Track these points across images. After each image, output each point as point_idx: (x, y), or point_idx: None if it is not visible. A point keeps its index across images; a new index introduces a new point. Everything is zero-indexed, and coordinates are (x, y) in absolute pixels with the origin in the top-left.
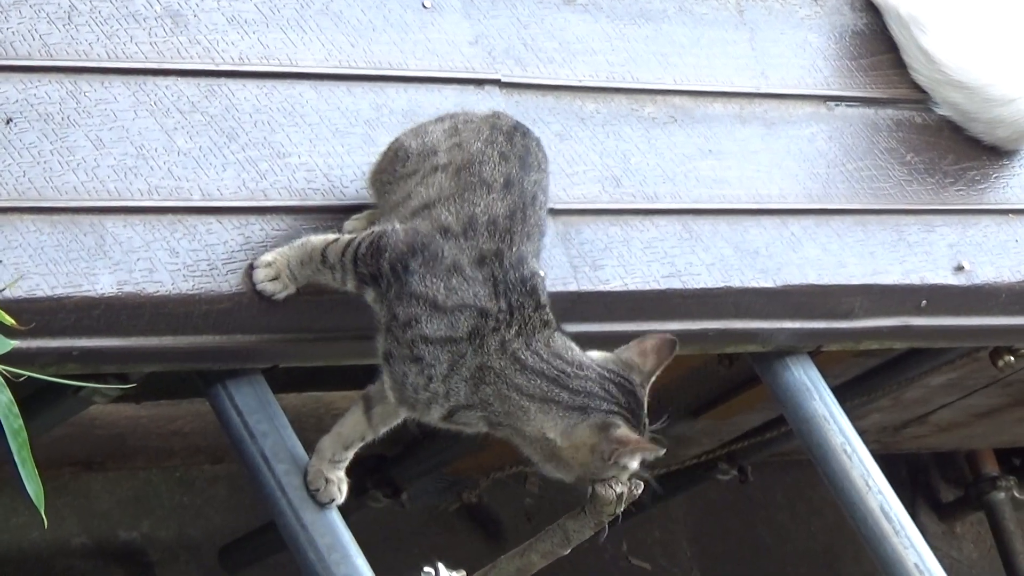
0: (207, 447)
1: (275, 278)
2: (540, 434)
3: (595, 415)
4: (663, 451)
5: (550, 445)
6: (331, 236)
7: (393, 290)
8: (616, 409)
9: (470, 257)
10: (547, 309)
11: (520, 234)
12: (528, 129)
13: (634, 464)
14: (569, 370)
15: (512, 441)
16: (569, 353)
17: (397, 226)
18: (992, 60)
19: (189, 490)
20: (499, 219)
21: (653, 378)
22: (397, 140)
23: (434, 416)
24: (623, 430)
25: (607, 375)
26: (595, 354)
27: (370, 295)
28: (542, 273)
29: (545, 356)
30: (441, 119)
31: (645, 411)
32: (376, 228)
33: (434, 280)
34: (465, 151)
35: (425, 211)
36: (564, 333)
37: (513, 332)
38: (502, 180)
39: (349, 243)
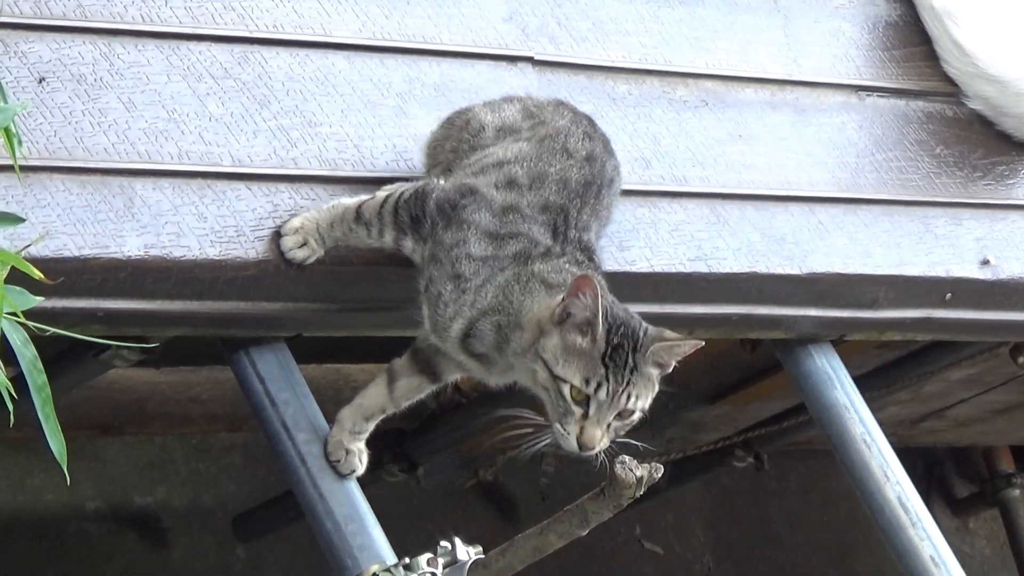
0: (224, 415)
1: (303, 244)
2: (533, 318)
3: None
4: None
5: (533, 327)
6: (364, 196)
7: (440, 224)
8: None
9: (531, 203)
10: (599, 267)
11: (591, 207)
12: None
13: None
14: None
15: (510, 356)
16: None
17: (442, 180)
18: None
19: (205, 457)
20: (571, 182)
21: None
22: (469, 110)
23: (454, 333)
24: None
25: (617, 310)
26: None
27: (408, 244)
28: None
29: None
30: (508, 99)
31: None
32: (420, 181)
33: (487, 214)
34: (550, 126)
35: (496, 168)
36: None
37: (561, 260)
38: (584, 153)
39: (388, 196)
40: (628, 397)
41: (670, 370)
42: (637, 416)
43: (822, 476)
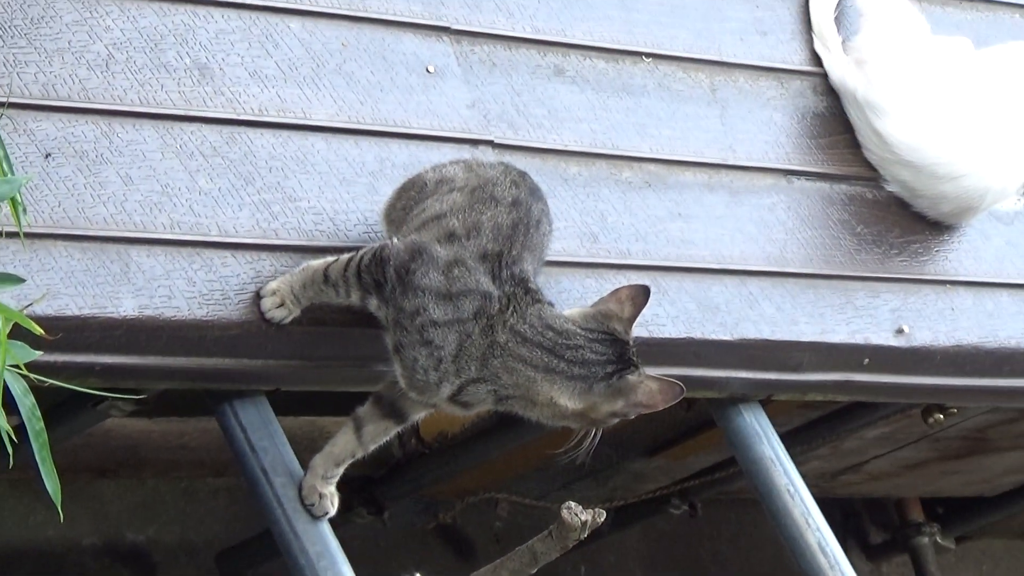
0: (211, 461)
1: (280, 305)
2: (550, 400)
3: (599, 383)
4: (681, 389)
5: (561, 409)
6: (329, 259)
7: (398, 290)
8: (613, 368)
9: (472, 253)
10: (536, 291)
11: (520, 244)
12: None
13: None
14: (560, 341)
15: (519, 411)
16: (557, 322)
17: (396, 240)
18: (938, 142)
19: (192, 500)
20: (503, 227)
21: (633, 324)
22: (417, 175)
23: (443, 395)
24: (639, 385)
25: (592, 336)
26: (574, 311)
27: (373, 303)
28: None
29: (539, 328)
30: (455, 161)
31: (633, 351)
32: (376, 243)
33: (436, 274)
34: (481, 177)
35: (435, 221)
36: (551, 304)
37: (510, 311)
38: (510, 199)
39: (351, 259)
40: None
41: None
42: None
43: (750, 523)
